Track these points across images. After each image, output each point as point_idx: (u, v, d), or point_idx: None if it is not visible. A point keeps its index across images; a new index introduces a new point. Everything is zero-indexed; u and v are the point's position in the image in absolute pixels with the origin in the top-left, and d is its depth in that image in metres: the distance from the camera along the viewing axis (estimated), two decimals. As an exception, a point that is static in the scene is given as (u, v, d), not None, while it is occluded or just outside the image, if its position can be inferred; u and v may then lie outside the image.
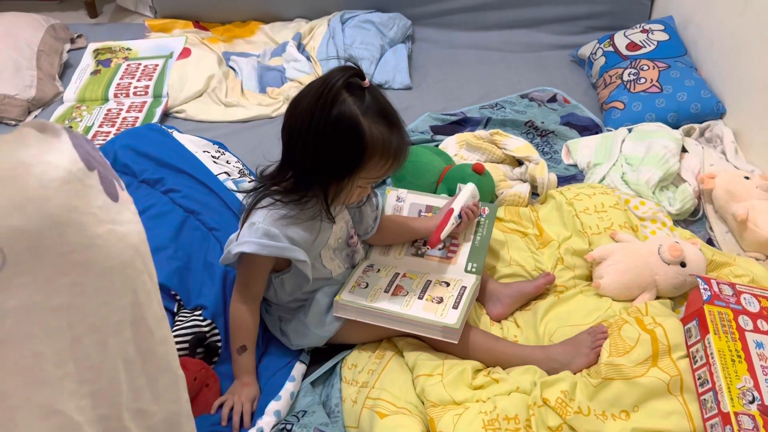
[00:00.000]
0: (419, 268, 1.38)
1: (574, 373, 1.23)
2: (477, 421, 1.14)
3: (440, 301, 1.28)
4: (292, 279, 1.27)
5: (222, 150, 1.64)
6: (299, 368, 1.29)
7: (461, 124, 1.92)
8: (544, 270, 1.45)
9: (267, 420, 1.18)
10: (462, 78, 2.16)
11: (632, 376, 1.17)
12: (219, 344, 1.27)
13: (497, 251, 1.47)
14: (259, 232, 1.17)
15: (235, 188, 1.51)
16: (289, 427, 1.17)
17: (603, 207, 1.52)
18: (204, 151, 1.58)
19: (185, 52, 2.07)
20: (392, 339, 1.33)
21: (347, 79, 1.09)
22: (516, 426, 1.14)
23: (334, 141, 1.09)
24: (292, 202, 1.19)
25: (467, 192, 1.42)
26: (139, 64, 2.07)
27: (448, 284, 1.33)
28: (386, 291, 1.31)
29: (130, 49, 2.12)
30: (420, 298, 1.29)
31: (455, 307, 1.27)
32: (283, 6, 2.30)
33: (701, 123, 1.85)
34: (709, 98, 1.85)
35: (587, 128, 1.94)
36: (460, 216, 1.39)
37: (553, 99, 2.06)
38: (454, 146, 1.77)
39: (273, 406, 1.20)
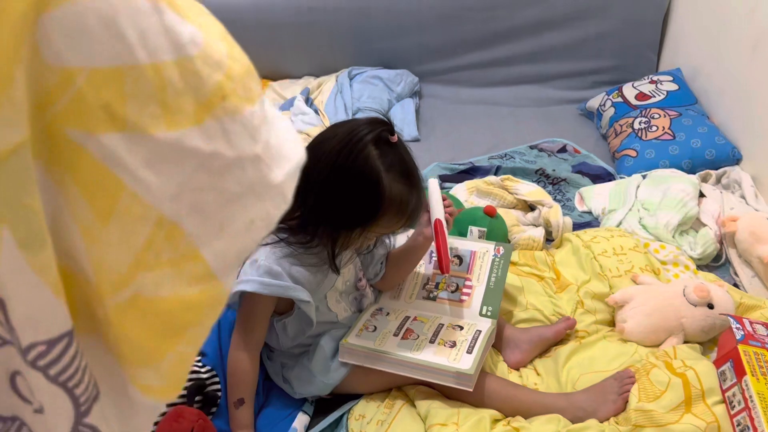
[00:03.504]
0: (431, 311, 1.31)
1: (601, 422, 1.13)
2: (497, 473, 1.04)
3: (453, 345, 1.20)
4: (295, 322, 1.20)
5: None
6: (302, 419, 1.20)
7: (470, 173, 1.89)
8: (563, 315, 1.37)
9: (267, 473, 1.08)
10: (470, 130, 2.14)
11: (665, 423, 1.07)
12: (219, 393, 1.19)
13: (513, 296, 1.40)
14: (261, 270, 1.11)
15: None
16: (290, 480, 1.08)
17: (622, 250, 1.46)
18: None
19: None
20: (403, 387, 1.24)
21: (377, 134, 1.07)
22: (540, 478, 1.04)
23: (351, 192, 1.06)
24: (298, 243, 1.14)
25: (434, 192, 1.25)
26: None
27: (461, 328, 1.25)
28: (395, 335, 1.23)
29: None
30: (432, 342, 1.21)
31: (469, 351, 1.19)
32: (291, 64, 2.32)
33: (717, 170, 1.81)
34: (723, 144, 1.82)
35: (600, 177, 1.89)
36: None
37: (563, 149, 2.03)
38: (463, 193, 1.73)
39: (273, 458, 1.11)
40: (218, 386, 1.19)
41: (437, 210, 1.24)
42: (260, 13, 2.18)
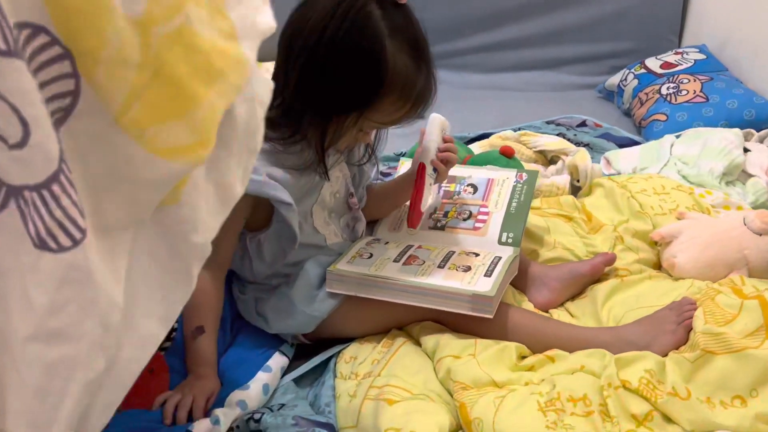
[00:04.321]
0: (439, 241, 1.08)
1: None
2: (530, 403, 0.79)
3: (468, 269, 0.97)
4: (273, 240, 0.97)
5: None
6: (278, 359, 0.96)
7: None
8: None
9: (226, 411, 0.82)
10: (479, 110, 1.95)
11: (742, 347, 0.83)
12: (174, 324, 0.95)
13: (538, 236, 1.16)
14: None
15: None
16: (257, 416, 0.82)
17: (664, 189, 1.24)
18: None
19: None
20: (404, 328, 1.00)
21: None
22: (587, 409, 0.79)
23: (346, 61, 0.86)
24: (279, 140, 0.93)
25: (433, 129, 1.06)
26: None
27: (477, 255, 1.02)
28: (396, 261, 1.00)
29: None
30: (441, 266, 0.98)
31: (488, 275, 0.96)
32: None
33: (759, 131, 1.61)
34: (763, 104, 1.63)
35: (626, 146, 1.69)
36: (435, 170, 1.05)
37: (582, 124, 1.83)
38: (477, 151, 1.52)
39: (237, 395, 0.86)
40: (174, 315, 0.95)
41: (427, 151, 1.04)
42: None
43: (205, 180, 0.53)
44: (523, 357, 0.91)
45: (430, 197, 1.10)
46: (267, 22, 0.55)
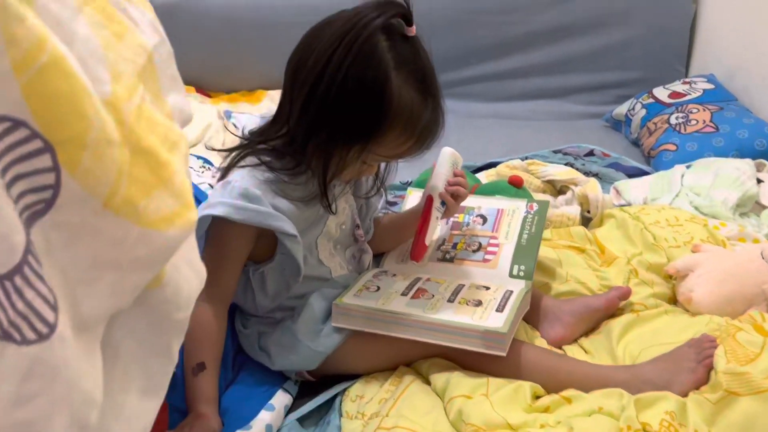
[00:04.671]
0: (448, 274, 1.05)
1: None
2: (545, 448, 0.75)
3: (479, 304, 0.94)
4: (277, 273, 0.94)
5: (208, 166, 1.38)
6: (282, 398, 0.92)
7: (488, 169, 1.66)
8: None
9: (228, 453, 0.79)
10: (485, 138, 1.94)
11: (766, 388, 0.79)
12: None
13: (550, 268, 1.13)
14: (236, 192, 0.88)
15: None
16: (260, 459, 0.78)
17: (677, 221, 1.21)
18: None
19: (182, 106, 1.90)
20: (412, 364, 0.97)
21: (389, 18, 0.85)
22: (606, 455, 0.74)
23: (350, 92, 0.84)
24: (284, 170, 0.91)
25: (444, 162, 1.03)
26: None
27: (488, 288, 0.99)
28: (404, 294, 0.97)
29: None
30: (450, 301, 0.95)
31: (499, 310, 0.92)
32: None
33: (770, 161, 1.58)
34: (775, 134, 1.60)
35: (635, 176, 1.67)
36: (443, 203, 1.02)
37: (590, 153, 1.81)
38: (483, 181, 1.50)
39: (239, 436, 0.82)
40: (174, 351, 0.92)
41: (436, 184, 1.01)
42: (259, 11, 2.06)
43: (180, 259, 0.54)
44: (538, 397, 0.88)
45: (436, 231, 1.07)
46: (189, 111, 0.58)
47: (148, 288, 0.51)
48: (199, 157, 1.42)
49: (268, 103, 2.08)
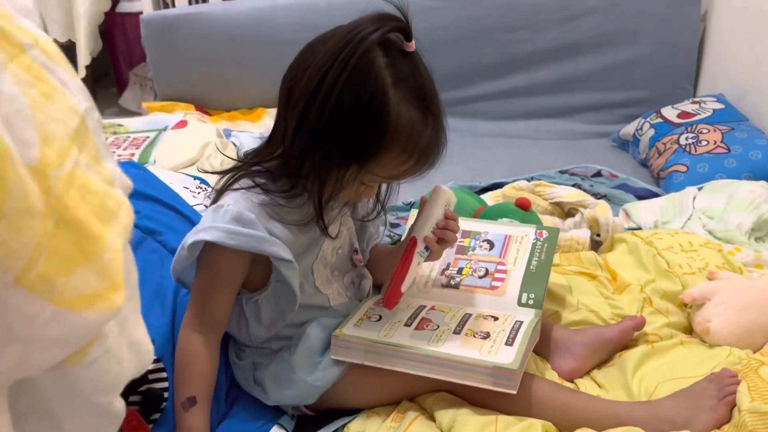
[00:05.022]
0: (454, 301, 1.00)
1: (700, 436, 0.80)
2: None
3: (486, 336, 0.89)
4: (272, 302, 0.90)
5: (204, 186, 1.34)
6: (278, 434, 0.87)
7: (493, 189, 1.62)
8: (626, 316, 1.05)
9: (219, 497, 0.74)
10: (489, 158, 1.89)
11: (797, 431, 0.74)
12: (164, 392, 0.86)
13: (560, 295, 1.09)
14: (228, 216, 0.83)
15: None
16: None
17: (692, 246, 1.16)
18: (183, 187, 1.29)
19: (181, 124, 1.85)
20: (416, 399, 0.92)
21: (386, 32, 0.80)
22: (625, 502, 0.69)
23: (345, 111, 0.79)
24: (279, 193, 0.87)
25: (436, 202, 0.94)
26: (129, 137, 1.85)
27: (496, 319, 0.94)
28: (407, 325, 0.92)
29: (121, 125, 1.92)
30: (456, 333, 0.90)
31: (509, 344, 0.87)
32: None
33: (784, 183, 1.54)
34: (788, 156, 1.56)
35: (644, 198, 1.62)
36: (427, 248, 0.94)
37: (597, 174, 1.77)
38: (489, 203, 1.46)
39: (232, 478, 0.77)
40: (165, 383, 0.87)
41: (422, 226, 0.94)
42: (260, 29, 2.03)
43: (119, 339, 0.50)
44: (549, 435, 0.83)
45: (414, 276, 0.96)
46: (128, 181, 0.55)
47: (66, 363, 0.46)
48: (195, 178, 1.38)
49: (268, 121, 2.04)
